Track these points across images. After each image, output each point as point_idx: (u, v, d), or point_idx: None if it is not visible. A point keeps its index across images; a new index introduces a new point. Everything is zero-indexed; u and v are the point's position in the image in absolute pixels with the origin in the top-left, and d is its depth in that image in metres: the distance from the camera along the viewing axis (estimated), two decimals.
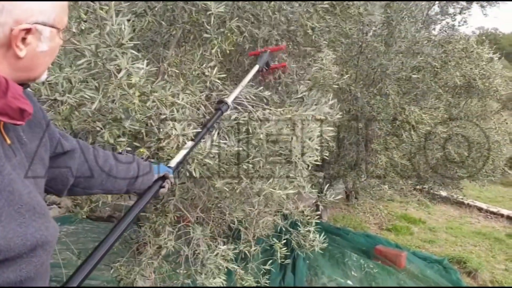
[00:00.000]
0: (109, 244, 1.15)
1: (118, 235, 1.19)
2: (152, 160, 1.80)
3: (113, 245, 1.16)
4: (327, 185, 2.55)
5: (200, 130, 1.73)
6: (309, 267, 4.86)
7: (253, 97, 2.15)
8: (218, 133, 1.91)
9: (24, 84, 0.93)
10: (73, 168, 1.21)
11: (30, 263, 0.88)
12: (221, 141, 1.80)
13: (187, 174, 1.83)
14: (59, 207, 2.55)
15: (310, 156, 2.18)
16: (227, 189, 2.16)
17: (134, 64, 1.58)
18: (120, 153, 1.74)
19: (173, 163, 1.56)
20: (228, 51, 2.15)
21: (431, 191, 6.05)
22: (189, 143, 1.63)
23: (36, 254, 0.90)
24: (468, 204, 8.67)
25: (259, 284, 2.97)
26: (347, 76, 3.77)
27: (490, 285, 5.39)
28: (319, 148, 2.30)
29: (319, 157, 2.43)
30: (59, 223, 3.98)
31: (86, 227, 5.22)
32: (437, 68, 4.59)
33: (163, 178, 1.47)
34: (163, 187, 1.47)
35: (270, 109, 2.14)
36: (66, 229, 4.98)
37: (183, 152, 1.60)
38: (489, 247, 6.67)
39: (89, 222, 5.21)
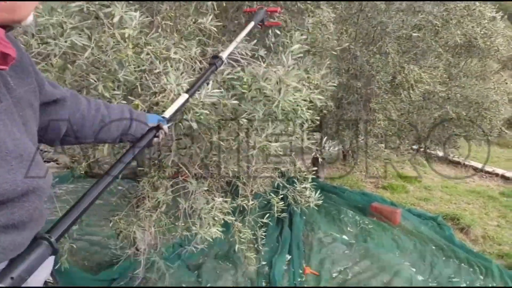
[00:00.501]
0: (100, 188, 1.15)
1: (110, 180, 1.20)
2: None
3: (105, 189, 1.17)
4: (325, 137, 2.57)
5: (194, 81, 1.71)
6: (305, 223, 4.97)
7: (248, 53, 2.13)
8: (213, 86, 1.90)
9: (7, 27, 0.88)
10: (65, 117, 1.20)
11: (23, 207, 0.89)
12: (215, 90, 1.78)
13: (183, 128, 1.85)
14: (57, 164, 2.58)
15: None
16: (224, 144, 2.19)
17: (127, 12, 1.57)
18: None
19: (167, 114, 1.55)
20: (224, 4, 2.12)
21: (428, 150, 6.09)
22: (184, 95, 1.62)
23: (29, 200, 0.91)
24: (464, 164, 8.75)
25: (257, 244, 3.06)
26: (346, 44, 3.72)
27: (481, 240, 5.53)
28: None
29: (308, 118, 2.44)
30: (56, 179, 4.04)
31: (86, 185, 5.29)
32: (438, 26, 4.51)
33: (157, 128, 1.47)
34: (157, 136, 1.47)
35: (265, 68, 2.12)
36: (65, 187, 5.06)
37: (177, 104, 1.58)
38: (482, 205, 6.79)
39: (88, 181, 5.26)
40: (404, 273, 4.25)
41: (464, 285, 4.33)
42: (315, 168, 3.04)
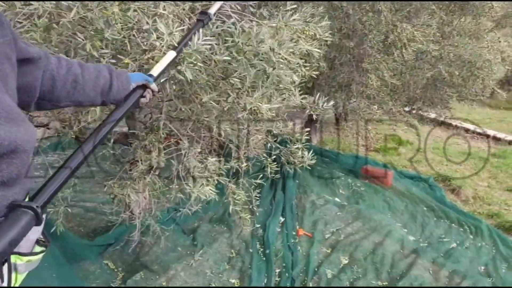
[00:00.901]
0: (86, 152, 1.09)
1: (95, 144, 1.13)
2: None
3: (91, 153, 1.11)
4: (318, 93, 2.54)
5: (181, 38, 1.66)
6: (298, 186, 5.01)
7: (239, 7, 2.07)
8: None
9: None
10: (39, 77, 1.13)
11: (11, 164, 0.88)
12: (209, 38, 1.72)
13: (176, 83, 1.81)
14: (48, 128, 2.55)
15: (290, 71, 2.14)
16: (215, 104, 2.15)
17: None
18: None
19: (154, 72, 1.46)
20: None
21: (420, 112, 6.09)
22: (171, 52, 1.54)
23: (17, 156, 0.89)
24: (456, 126, 8.82)
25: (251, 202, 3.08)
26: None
27: (472, 201, 5.63)
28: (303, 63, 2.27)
29: (306, 74, 2.41)
30: (48, 142, 3.99)
31: None
32: None
33: (143, 87, 1.38)
34: (144, 96, 1.38)
35: (258, 21, 2.07)
36: (57, 155, 5.02)
37: (164, 62, 1.49)
38: (473, 166, 6.88)
39: None
40: (396, 233, 4.34)
41: (455, 244, 4.43)
42: (308, 129, 3.03)
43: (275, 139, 3.06)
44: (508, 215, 5.21)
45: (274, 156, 2.87)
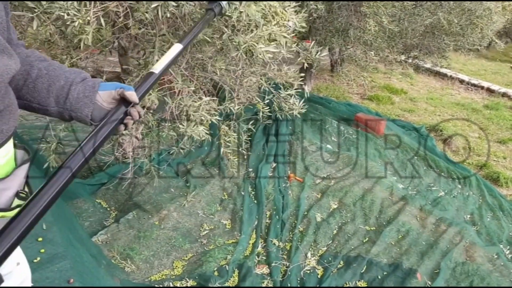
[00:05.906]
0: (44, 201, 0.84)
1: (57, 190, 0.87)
2: None
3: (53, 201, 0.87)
4: (313, 42, 2.49)
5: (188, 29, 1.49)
6: (291, 132, 5.02)
7: None
8: None
9: None
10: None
11: None
12: None
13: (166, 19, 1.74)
14: None
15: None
16: (208, 40, 2.10)
17: None
18: None
19: (157, 68, 1.19)
20: None
21: (416, 60, 6.02)
22: (177, 45, 1.27)
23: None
24: (450, 76, 8.76)
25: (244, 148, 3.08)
26: None
27: (462, 151, 5.70)
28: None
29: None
30: None
31: None
32: None
33: (126, 102, 1.05)
34: (125, 124, 1.06)
35: None
36: None
37: (170, 56, 1.22)
38: (466, 117, 6.91)
39: None
40: (385, 181, 4.40)
41: (443, 193, 4.52)
42: (303, 74, 2.99)
43: (269, 82, 3.03)
44: (496, 166, 5.30)
45: (267, 101, 2.85)
